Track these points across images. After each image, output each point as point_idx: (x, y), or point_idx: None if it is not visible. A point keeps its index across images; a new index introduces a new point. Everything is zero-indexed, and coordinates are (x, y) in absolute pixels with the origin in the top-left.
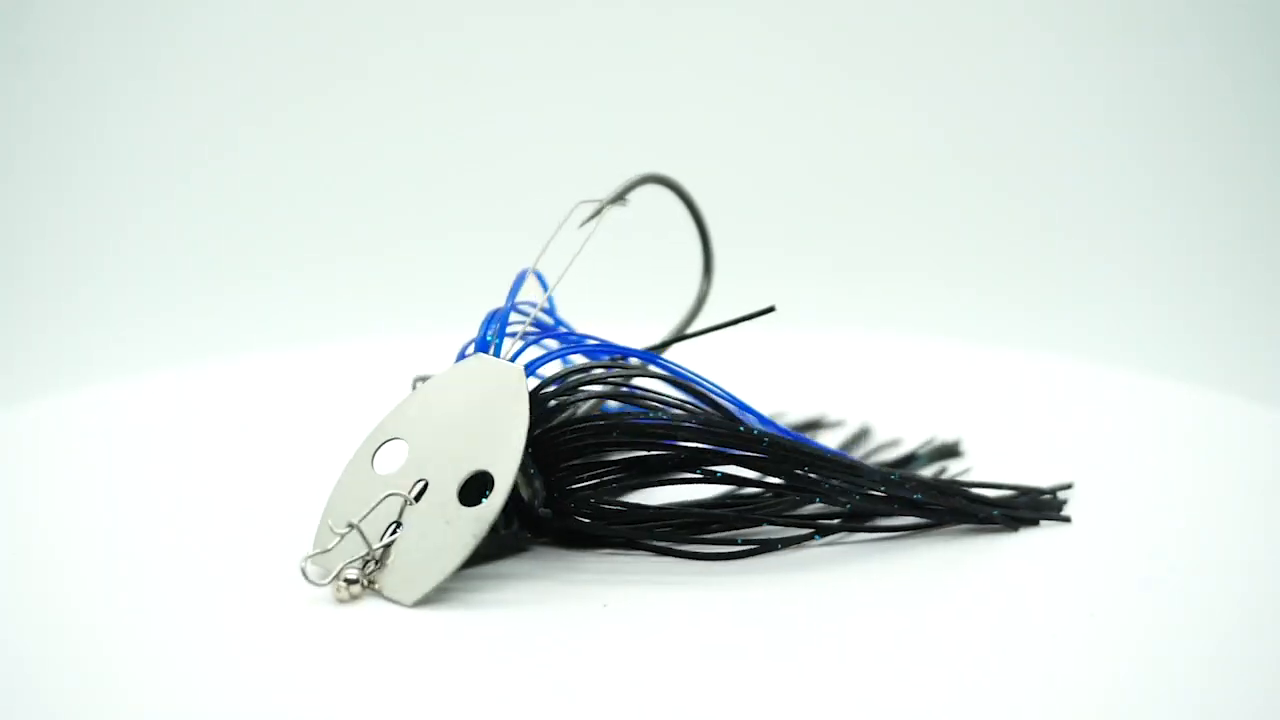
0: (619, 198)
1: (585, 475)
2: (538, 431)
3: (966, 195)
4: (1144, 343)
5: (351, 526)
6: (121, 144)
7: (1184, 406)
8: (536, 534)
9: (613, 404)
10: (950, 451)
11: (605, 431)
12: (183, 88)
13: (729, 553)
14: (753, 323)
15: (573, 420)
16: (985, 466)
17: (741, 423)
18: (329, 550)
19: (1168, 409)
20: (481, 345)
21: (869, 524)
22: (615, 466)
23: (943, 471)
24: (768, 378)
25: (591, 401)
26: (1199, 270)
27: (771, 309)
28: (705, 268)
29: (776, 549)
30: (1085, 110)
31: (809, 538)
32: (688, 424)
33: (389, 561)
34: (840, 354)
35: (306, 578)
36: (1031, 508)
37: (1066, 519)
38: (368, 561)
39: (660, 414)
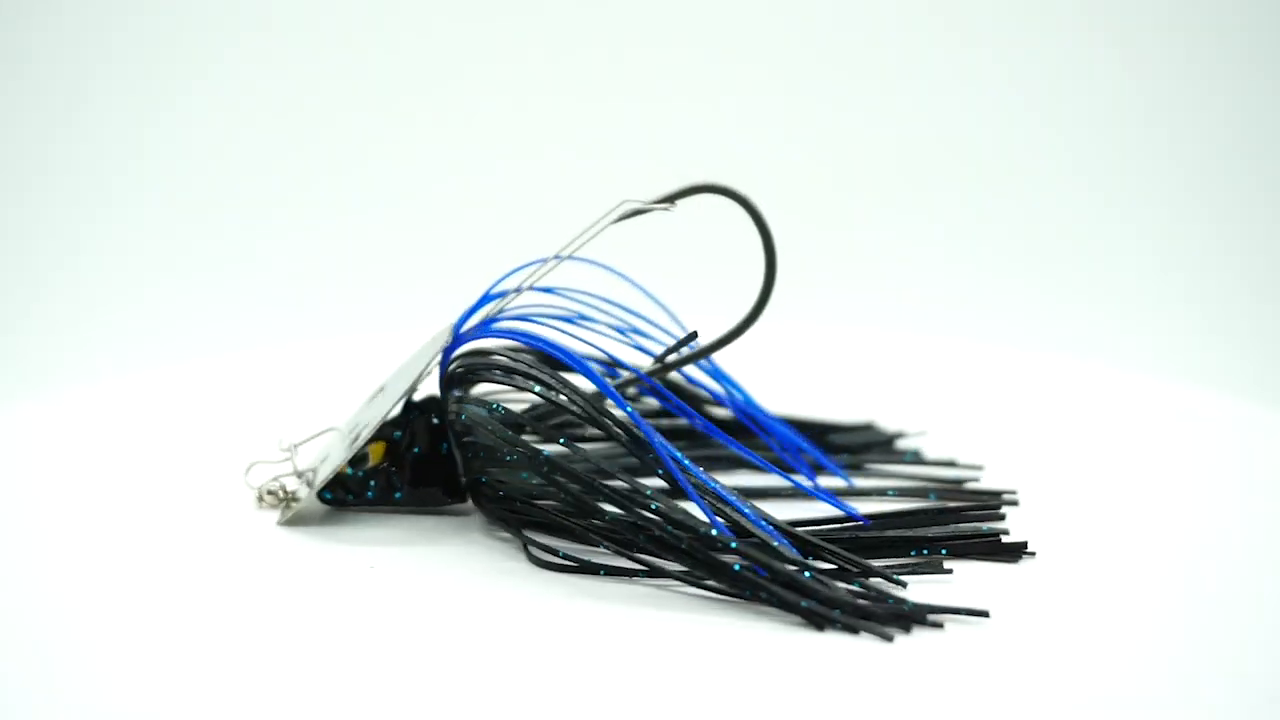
0: (667, 201)
1: (478, 455)
2: (452, 405)
3: (982, 195)
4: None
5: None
6: (93, 148)
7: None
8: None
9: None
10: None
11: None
12: (150, 89)
13: (552, 563)
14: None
15: (464, 399)
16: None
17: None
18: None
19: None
20: (461, 321)
21: (710, 580)
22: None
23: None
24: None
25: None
26: (1206, 271)
27: (694, 335)
28: (766, 283)
29: (598, 574)
30: (1087, 110)
31: (640, 573)
32: (507, 434)
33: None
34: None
35: (245, 481)
36: (861, 614)
37: (889, 638)
38: (302, 479)
39: (497, 411)
